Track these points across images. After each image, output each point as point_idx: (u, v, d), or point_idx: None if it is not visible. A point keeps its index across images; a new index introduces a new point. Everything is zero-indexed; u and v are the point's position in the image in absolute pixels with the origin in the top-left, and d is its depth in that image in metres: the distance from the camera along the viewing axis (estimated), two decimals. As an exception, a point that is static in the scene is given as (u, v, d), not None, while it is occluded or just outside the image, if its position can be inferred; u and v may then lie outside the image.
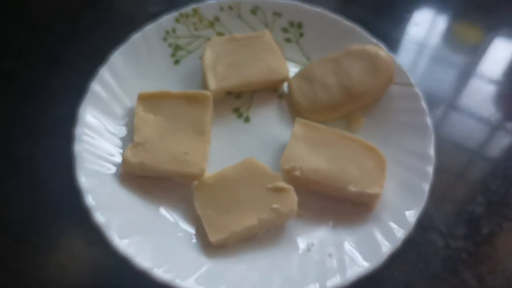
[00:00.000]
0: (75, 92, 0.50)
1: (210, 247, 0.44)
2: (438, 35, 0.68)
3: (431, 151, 0.49)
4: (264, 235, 0.45)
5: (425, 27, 0.69)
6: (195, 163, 0.46)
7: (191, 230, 0.46)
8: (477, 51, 0.67)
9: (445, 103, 0.60)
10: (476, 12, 0.71)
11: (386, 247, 0.43)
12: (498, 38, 0.69)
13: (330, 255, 0.44)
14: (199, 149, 0.47)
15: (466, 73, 0.64)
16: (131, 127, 0.49)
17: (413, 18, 0.70)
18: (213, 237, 0.43)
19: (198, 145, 0.48)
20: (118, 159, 0.48)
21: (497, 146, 0.57)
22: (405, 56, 0.65)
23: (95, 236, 0.42)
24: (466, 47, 0.67)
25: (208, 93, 0.50)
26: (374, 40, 0.56)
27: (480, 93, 0.62)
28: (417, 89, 0.53)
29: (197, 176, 0.46)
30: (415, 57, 0.65)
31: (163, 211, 0.47)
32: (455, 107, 0.61)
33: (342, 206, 0.47)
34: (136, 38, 0.54)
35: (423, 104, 0.52)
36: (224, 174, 0.47)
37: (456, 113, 0.60)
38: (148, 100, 0.50)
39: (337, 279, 0.42)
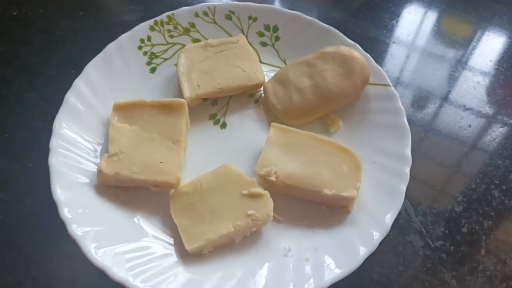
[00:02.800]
0: (52, 104, 0.50)
1: (187, 255, 0.44)
2: (428, 29, 0.68)
3: (408, 151, 0.48)
4: (241, 241, 0.45)
5: (415, 22, 0.68)
6: (170, 172, 0.46)
7: (168, 239, 0.46)
8: (467, 43, 0.66)
9: (438, 98, 0.60)
10: (465, 4, 0.70)
11: (363, 250, 0.43)
12: (489, 29, 0.68)
13: (307, 260, 0.44)
14: (174, 158, 0.47)
15: (457, 66, 0.63)
16: (107, 138, 0.49)
17: (402, 15, 0.69)
18: (189, 246, 0.43)
19: (173, 153, 0.48)
20: (94, 170, 0.48)
21: (477, 144, 0.56)
22: (396, 53, 0.64)
23: (72, 249, 0.42)
24: (456, 40, 0.66)
25: (182, 101, 0.50)
26: (350, 40, 0.56)
27: (470, 86, 0.61)
28: (394, 89, 0.52)
29: (173, 185, 0.46)
30: (406, 54, 0.65)
31: (140, 221, 0.47)
32: (446, 101, 0.60)
33: (318, 209, 0.47)
34: (111, 47, 0.54)
35: (400, 104, 0.51)
36: (200, 181, 0.46)
37: (444, 108, 0.59)
38: (123, 109, 0.50)
39: (313, 284, 0.42)
